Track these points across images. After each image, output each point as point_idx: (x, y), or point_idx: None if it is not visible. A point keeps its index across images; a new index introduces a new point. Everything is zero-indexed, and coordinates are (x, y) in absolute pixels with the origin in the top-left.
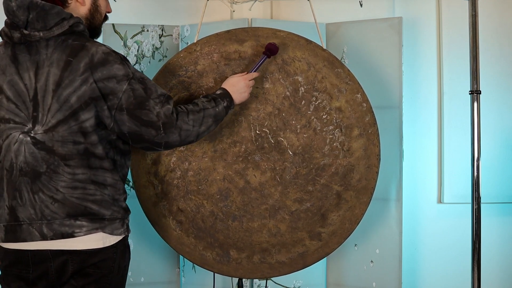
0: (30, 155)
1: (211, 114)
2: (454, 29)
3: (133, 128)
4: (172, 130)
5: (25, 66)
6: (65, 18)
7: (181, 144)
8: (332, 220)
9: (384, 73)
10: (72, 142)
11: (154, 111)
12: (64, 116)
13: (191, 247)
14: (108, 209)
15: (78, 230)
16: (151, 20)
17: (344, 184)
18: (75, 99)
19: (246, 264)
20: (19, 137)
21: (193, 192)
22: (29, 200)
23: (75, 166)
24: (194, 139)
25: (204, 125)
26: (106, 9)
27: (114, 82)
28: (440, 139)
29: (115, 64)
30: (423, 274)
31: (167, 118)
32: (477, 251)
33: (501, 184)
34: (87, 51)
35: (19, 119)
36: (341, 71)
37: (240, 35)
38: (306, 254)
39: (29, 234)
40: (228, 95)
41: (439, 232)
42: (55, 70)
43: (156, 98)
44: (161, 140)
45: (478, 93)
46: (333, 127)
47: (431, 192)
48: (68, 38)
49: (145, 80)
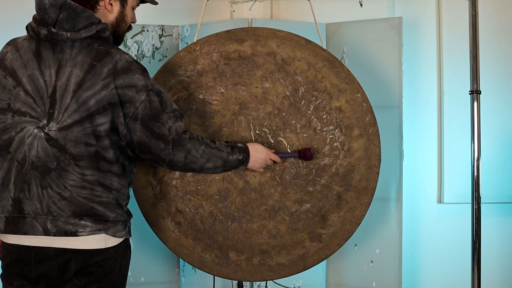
0: (43, 150)
1: (222, 157)
2: (454, 29)
3: (143, 138)
4: (180, 148)
5: (47, 63)
6: (94, 22)
7: (184, 168)
8: (332, 221)
9: (384, 73)
10: (84, 143)
11: (167, 125)
12: (80, 117)
13: (190, 248)
14: (113, 212)
15: (81, 230)
16: (151, 20)
17: (345, 184)
18: (93, 102)
19: (246, 266)
20: (34, 131)
21: (192, 193)
22: (37, 194)
23: (84, 167)
24: (197, 169)
25: (212, 163)
26: (132, 20)
27: (134, 91)
28: (440, 139)
29: (136, 74)
30: (423, 274)
31: (177, 135)
32: (477, 251)
33: (501, 184)
34: (112, 58)
35: (35, 113)
36: (341, 71)
37: (239, 35)
38: (306, 256)
39: (32, 227)
40: (248, 153)
41: (439, 232)
42: (78, 71)
43: (170, 112)
44: (167, 156)
45: (478, 93)
46: (333, 127)
47: (431, 192)
48: (94, 42)
49: (162, 93)
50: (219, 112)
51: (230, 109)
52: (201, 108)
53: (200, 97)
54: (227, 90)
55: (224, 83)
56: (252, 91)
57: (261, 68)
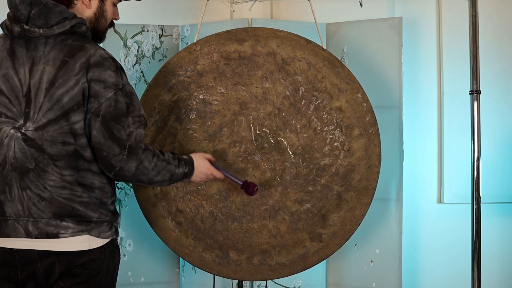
0: (20, 151)
1: (170, 170)
2: (454, 29)
3: (97, 138)
4: (134, 158)
5: (21, 61)
6: (67, 17)
7: (131, 180)
8: (332, 221)
9: (384, 73)
10: (61, 142)
11: (127, 130)
12: (55, 116)
13: (190, 248)
14: (95, 212)
15: (63, 231)
16: (151, 20)
17: (345, 184)
18: (67, 100)
19: (246, 266)
20: (10, 132)
21: (192, 193)
22: (18, 196)
23: (63, 167)
24: (145, 181)
25: (160, 176)
26: (113, 16)
27: (102, 86)
28: (440, 139)
29: (109, 70)
30: (423, 274)
31: (136, 142)
32: (477, 251)
33: (501, 184)
34: (86, 52)
35: (11, 114)
36: (341, 71)
37: (240, 35)
38: (307, 255)
39: (14, 230)
40: (192, 166)
41: (439, 232)
42: (50, 68)
43: (136, 116)
44: (118, 163)
45: (478, 93)
46: (333, 127)
47: (431, 192)
48: (68, 38)
49: (133, 95)
50: (219, 112)
51: (230, 109)
52: (201, 108)
53: (200, 97)
54: (227, 90)
55: (224, 83)
56: (252, 91)
57: (261, 68)
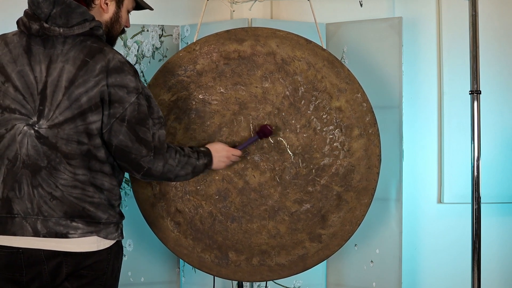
0: (33, 148)
1: (192, 164)
2: (454, 29)
3: (124, 142)
4: (160, 157)
5: (38, 59)
6: (87, 19)
7: (160, 178)
8: (332, 222)
9: (384, 73)
10: (76, 141)
11: (151, 131)
12: (72, 114)
13: (189, 249)
14: (105, 213)
15: (72, 232)
16: (151, 20)
17: (345, 184)
18: (85, 100)
19: (245, 267)
20: (23, 129)
21: (191, 193)
22: (27, 193)
23: (76, 166)
24: (172, 178)
25: (184, 170)
26: (126, 23)
27: (125, 91)
28: (440, 139)
29: (129, 75)
30: (423, 274)
31: (160, 143)
32: (477, 251)
33: (501, 184)
34: (105, 55)
35: (24, 110)
36: (341, 71)
37: (239, 34)
38: (306, 256)
39: (21, 228)
40: (210, 156)
41: (439, 232)
42: (70, 67)
43: (156, 118)
44: (146, 164)
45: (478, 93)
46: (333, 127)
47: (431, 192)
48: (87, 39)
49: (151, 98)
50: (218, 112)
51: (229, 109)
52: (201, 108)
53: (199, 97)
54: (226, 90)
55: (224, 83)
56: (251, 91)
57: (261, 68)
